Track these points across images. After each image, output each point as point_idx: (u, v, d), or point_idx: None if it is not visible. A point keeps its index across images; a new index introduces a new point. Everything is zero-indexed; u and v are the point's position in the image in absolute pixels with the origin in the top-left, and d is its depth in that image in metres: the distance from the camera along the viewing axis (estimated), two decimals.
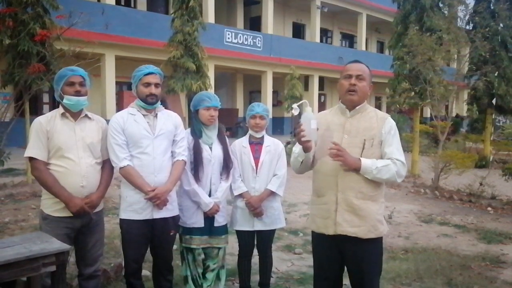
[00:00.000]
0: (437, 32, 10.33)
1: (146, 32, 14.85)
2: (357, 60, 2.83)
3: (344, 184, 2.68)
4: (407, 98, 11.12)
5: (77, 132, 3.02)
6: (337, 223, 2.69)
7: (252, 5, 22.48)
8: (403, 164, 2.67)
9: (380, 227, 2.70)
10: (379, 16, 25.88)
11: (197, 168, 3.40)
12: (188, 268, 3.49)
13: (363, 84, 2.69)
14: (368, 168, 2.61)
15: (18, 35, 8.02)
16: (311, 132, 2.60)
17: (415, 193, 9.62)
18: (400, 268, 4.64)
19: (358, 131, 2.70)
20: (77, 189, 2.96)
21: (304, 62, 21.08)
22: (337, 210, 2.69)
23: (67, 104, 3.00)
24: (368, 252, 2.71)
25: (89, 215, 3.03)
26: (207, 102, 3.43)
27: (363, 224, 2.66)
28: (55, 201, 2.96)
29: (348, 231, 2.66)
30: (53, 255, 2.44)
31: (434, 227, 6.72)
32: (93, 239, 3.13)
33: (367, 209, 2.66)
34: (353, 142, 2.69)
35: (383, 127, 2.70)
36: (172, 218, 3.25)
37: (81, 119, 3.08)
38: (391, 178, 2.65)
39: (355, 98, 2.70)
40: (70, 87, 2.98)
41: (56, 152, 2.96)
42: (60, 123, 3.00)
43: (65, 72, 3.02)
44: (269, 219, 3.64)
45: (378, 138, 2.68)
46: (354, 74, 2.69)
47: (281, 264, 4.80)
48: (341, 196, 2.68)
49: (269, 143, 3.72)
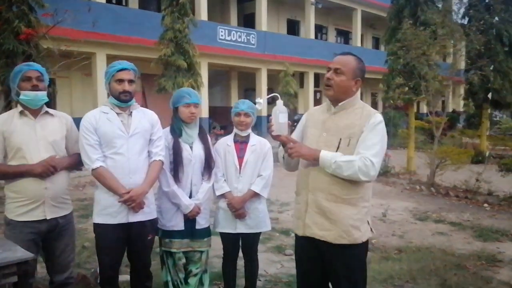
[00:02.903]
0: (431, 26, 10.17)
1: (137, 30, 14.64)
2: (347, 52, 2.62)
3: (314, 184, 2.52)
4: (402, 93, 10.96)
5: (38, 130, 2.85)
6: (306, 225, 2.55)
7: (245, 2, 22.28)
8: (372, 164, 2.36)
9: (354, 233, 2.47)
10: (374, 12, 25.70)
11: (177, 169, 3.23)
12: (169, 273, 3.33)
13: (340, 79, 2.49)
14: (326, 162, 2.41)
15: (3, 34, 7.82)
16: (280, 126, 2.49)
17: (410, 190, 9.49)
18: (392, 269, 4.49)
19: (338, 128, 2.52)
20: (40, 192, 2.79)
21: (299, 59, 20.91)
22: (307, 211, 2.54)
23: (24, 100, 2.82)
24: (346, 258, 2.50)
25: (56, 219, 2.86)
26: (186, 99, 3.27)
27: (333, 229, 2.47)
28: (19, 204, 2.80)
29: (316, 234, 2.51)
30: (15, 264, 2.26)
31: (429, 225, 6.59)
32: (62, 244, 2.96)
33: (339, 213, 2.46)
34: (329, 141, 2.51)
35: (365, 125, 2.46)
36: (150, 222, 3.08)
37: (42, 116, 2.91)
38: (352, 175, 2.38)
39: (329, 93, 2.53)
40: (27, 83, 2.82)
41: (16, 153, 2.79)
42: (19, 122, 2.83)
43: (20, 68, 2.85)
44: (253, 221, 3.48)
45: (358, 136, 2.46)
46: (332, 67, 2.52)
47: (270, 266, 4.65)
48: (311, 197, 2.53)
49: (255, 142, 3.55)
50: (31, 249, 2.80)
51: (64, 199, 2.96)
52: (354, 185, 2.46)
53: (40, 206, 2.83)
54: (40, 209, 2.83)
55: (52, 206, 2.87)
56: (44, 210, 2.84)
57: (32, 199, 2.81)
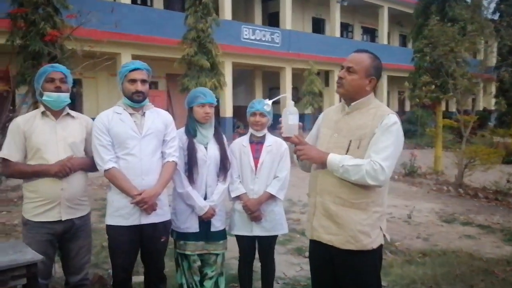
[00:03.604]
0: (460, 22, 9.88)
1: (161, 30, 14.75)
2: (362, 49, 2.50)
3: (322, 186, 2.42)
4: (428, 92, 10.67)
5: (58, 131, 2.85)
6: (313, 228, 2.47)
7: (270, 1, 22.18)
8: (381, 168, 2.23)
9: (363, 239, 2.35)
10: (401, 8, 25.20)
11: (191, 170, 3.18)
12: (184, 275, 3.28)
13: (352, 78, 2.39)
14: (334, 165, 2.31)
15: (29, 35, 7.98)
16: (290, 128, 2.40)
17: (437, 190, 9.24)
18: (416, 274, 4.33)
19: (349, 129, 2.41)
20: (56, 193, 2.78)
21: (324, 58, 20.66)
22: (315, 214, 2.46)
23: (47, 101, 2.83)
24: (356, 264, 2.39)
25: (72, 220, 2.85)
26: (201, 99, 3.21)
27: (341, 233, 2.37)
28: (35, 205, 2.80)
29: (323, 238, 2.42)
30: (24, 267, 2.25)
31: (456, 227, 6.37)
32: (77, 246, 2.94)
33: (347, 218, 2.36)
34: (339, 142, 2.41)
35: (378, 126, 2.33)
36: (163, 224, 3.04)
37: (63, 117, 2.91)
38: (360, 180, 2.26)
39: (340, 91, 2.44)
40: (50, 84, 2.82)
41: (35, 153, 2.79)
42: (40, 123, 2.84)
43: (44, 69, 2.87)
44: (269, 224, 3.39)
45: (369, 138, 2.34)
46: (345, 65, 2.41)
47: (289, 268, 4.56)
48: (319, 200, 2.44)
49: (271, 143, 3.46)
50: (47, 250, 2.82)
51: (80, 201, 2.94)
52: (364, 189, 2.34)
53: (56, 207, 2.82)
54: (56, 210, 2.82)
55: (68, 207, 2.85)
56: (60, 211, 2.83)
57: (48, 199, 2.81)
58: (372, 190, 2.36)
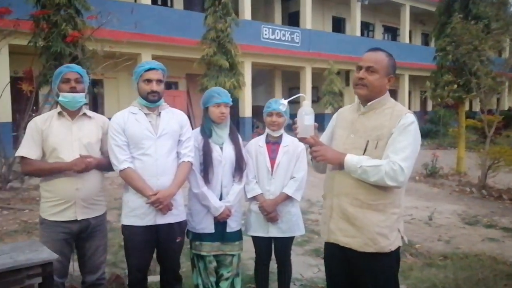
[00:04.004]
0: (484, 20, 9.65)
1: (181, 30, 14.83)
2: (376, 48, 2.47)
3: (339, 188, 2.38)
4: (451, 91, 10.46)
5: (74, 132, 2.87)
6: (330, 231, 2.43)
7: (290, 0, 22.11)
8: (401, 169, 2.20)
9: (381, 241, 2.31)
10: (423, 7, 24.79)
11: (207, 170, 3.16)
12: (200, 276, 3.26)
13: (374, 77, 2.34)
14: (352, 166, 2.27)
15: (51, 36, 8.10)
16: (306, 129, 2.35)
17: (459, 192, 9.04)
18: (436, 277, 4.23)
19: (366, 130, 2.37)
20: (71, 193, 2.80)
21: (345, 57, 20.47)
22: (332, 216, 2.42)
23: (62, 101, 2.86)
24: (374, 267, 2.35)
25: (87, 220, 2.86)
26: (216, 99, 3.19)
27: (359, 236, 2.33)
28: (51, 204, 2.83)
29: (341, 241, 2.38)
30: (39, 266, 2.27)
31: (479, 230, 6.21)
32: (93, 246, 2.96)
33: (364, 219, 2.32)
34: (356, 143, 2.37)
35: (395, 126, 2.29)
36: (178, 224, 3.03)
37: (79, 117, 2.92)
38: (379, 181, 2.23)
39: (361, 92, 2.38)
40: (66, 84, 2.85)
41: (52, 153, 2.82)
42: (56, 123, 2.87)
43: (60, 70, 2.89)
44: (285, 225, 3.35)
45: (387, 138, 2.30)
46: (364, 65, 2.36)
47: (306, 270, 4.51)
48: (336, 202, 2.40)
49: (288, 143, 3.42)
50: (63, 249, 2.84)
51: (96, 200, 2.95)
52: (383, 190, 2.30)
53: (71, 206, 2.84)
54: (71, 209, 2.85)
55: (83, 207, 2.87)
56: (75, 211, 2.85)
57: (63, 199, 2.83)
58: (390, 191, 2.32)
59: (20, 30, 8.03)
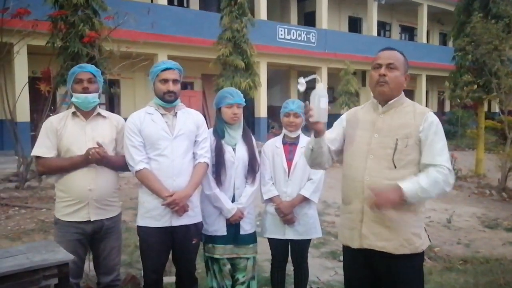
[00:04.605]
0: (505, 19, 9.47)
1: (197, 31, 14.86)
2: (389, 47, 2.46)
3: (370, 192, 2.29)
4: (470, 91, 10.28)
5: (88, 132, 2.86)
6: (363, 236, 2.34)
7: (306, 0, 22.00)
8: (449, 171, 2.22)
9: (416, 241, 2.29)
10: (441, 6, 24.45)
11: (219, 171, 3.12)
12: (214, 279, 3.23)
13: (395, 74, 2.31)
14: (413, 193, 2.17)
15: (68, 37, 8.17)
16: (321, 112, 2.21)
17: (479, 194, 8.87)
18: (456, 282, 4.14)
19: (391, 129, 2.32)
20: (85, 193, 2.79)
21: (361, 57, 20.28)
22: (363, 220, 2.33)
23: (75, 102, 2.85)
24: (404, 269, 2.30)
25: (101, 221, 2.85)
26: (229, 99, 3.15)
27: (394, 238, 2.27)
28: (65, 204, 2.82)
29: (376, 246, 2.30)
30: (55, 266, 2.25)
31: (500, 233, 6.08)
32: (108, 247, 2.94)
33: (400, 221, 2.27)
34: (383, 142, 2.31)
35: (422, 124, 2.27)
36: (194, 225, 3.00)
37: (94, 118, 2.91)
38: (440, 193, 2.24)
39: (385, 90, 2.32)
40: (79, 85, 2.84)
41: (66, 153, 2.82)
42: (71, 123, 2.86)
43: (73, 70, 2.88)
44: (302, 227, 3.31)
45: (415, 137, 2.27)
46: (384, 63, 2.32)
47: (323, 272, 4.46)
48: (367, 206, 2.31)
49: (305, 144, 3.37)
50: (77, 249, 2.83)
51: (109, 201, 2.93)
52: None
53: (84, 207, 2.83)
54: (85, 210, 2.83)
55: (97, 208, 2.85)
56: (89, 212, 2.84)
57: (77, 199, 2.82)
58: None
59: (38, 30, 8.10)
